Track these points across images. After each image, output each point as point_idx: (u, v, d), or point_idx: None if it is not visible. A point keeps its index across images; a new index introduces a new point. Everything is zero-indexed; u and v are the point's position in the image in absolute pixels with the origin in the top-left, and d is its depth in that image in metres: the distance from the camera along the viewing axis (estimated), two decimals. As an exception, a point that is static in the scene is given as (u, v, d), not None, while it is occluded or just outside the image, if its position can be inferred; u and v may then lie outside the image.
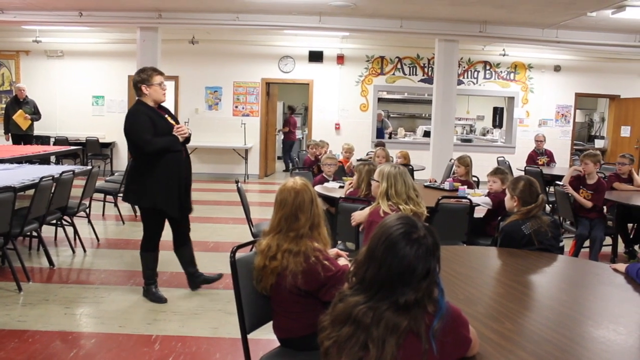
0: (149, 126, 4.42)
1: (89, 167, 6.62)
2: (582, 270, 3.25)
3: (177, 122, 4.71)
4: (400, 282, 1.66)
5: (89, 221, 6.78)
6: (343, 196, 4.97)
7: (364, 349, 1.63)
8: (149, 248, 4.72)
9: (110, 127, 12.71)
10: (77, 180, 6.46)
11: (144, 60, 9.87)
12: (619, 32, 10.23)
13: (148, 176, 4.48)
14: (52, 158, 10.59)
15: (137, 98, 4.60)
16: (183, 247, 4.94)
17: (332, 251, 2.81)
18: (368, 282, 1.71)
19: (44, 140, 11.69)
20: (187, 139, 4.66)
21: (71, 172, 5.91)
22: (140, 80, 4.50)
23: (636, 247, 6.65)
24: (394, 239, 1.69)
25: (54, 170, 6.32)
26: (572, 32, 10.23)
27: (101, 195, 7.94)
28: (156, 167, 4.46)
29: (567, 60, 12.94)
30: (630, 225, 6.80)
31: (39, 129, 11.35)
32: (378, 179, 3.76)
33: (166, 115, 4.67)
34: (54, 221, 6.04)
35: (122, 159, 12.55)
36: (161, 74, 4.60)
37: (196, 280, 5.03)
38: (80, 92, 12.73)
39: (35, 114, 10.81)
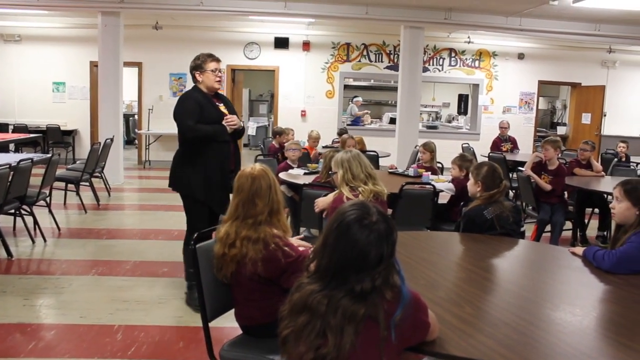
0: (195, 112, 4.19)
1: (49, 155, 6.46)
2: (541, 254, 3.31)
3: (234, 113, 4.43)
4: (353, 268, 1.65)
5: (50, 210, 6.62)
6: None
7: (321, 337, 1.62)
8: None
9: (72, 115, 12.43)
10: (38, 169, 6.31)
11: (105, 46, 9.66)
12: (580, 21, 10.40)
13: (190, 164, 4.29)
14: (11, 146, 10.30)
15: (193, 84, 4.42)
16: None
17: (295, 240, 2.79)
18: (322, 270, 1.70)
19: (2, 127, 11.36)
20: (240, 133, 4.44)
21: (29, 160, 5.77)
22: (194, 66, 4.31)
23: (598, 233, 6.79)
24: (346, 225, 1.68)
25: (11, 158, 6.15)
26: (535, 21, 10.37)
27: (63, 184, 7.77)
28: (199, 155, 4.24)
29: (531, 48, 13.11)
30: (589, 210, 6.97)
31: (-4, 117, 11.04)
32: (335, 169, 3.80)
33: (221, 105, 4.41)
34: (12, 211, 5.88)
35: (84, 146, 12.26)
36: (217, 60, 4.35)
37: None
38: (40, 78, 12.36)
39: (-8, 101, 10.50)
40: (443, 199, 5.43)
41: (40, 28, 12.20)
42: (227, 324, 2.80)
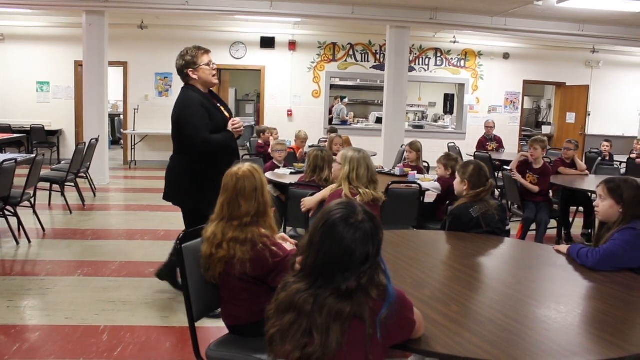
0: (206, 120, 3.81)
1: (33, 156, 6.40)
2: (526, 253, 3.33)
3: (231, 114, 4.10)
4: (338, 267, 1.66)
5: (34, 211, 6.56)
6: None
7: (307, 336, 1.63)
8: None
9: (56, 114, 12.33)
10: (22, 169, 6.24)
11: (90, 46, 9.58)
12: (564, 21, 10.49)
13: (197, 176, 3.91)
14: (-5, 146, 10.22)
15: (184, 84, 3.99)
16: None
17: (278, 235, 2.78)
18: (308, 269, 1.70)
19: (-16, 128, 11.24)
20: (240, 136, 4.08)
21: (13, 161, 5.71)
22: (185, 64, 3.87)
23: (583, 231, 6.86)
24: (331, 224, 1.69)
25: (-5, 158, 6.08)
26: (520, 21, 10.45)
27: (47, 185, 7.70)
28: (207, 166, 3.88)
29: (516, 48, 13.20)
30: (573, 208, 7.03)
31: (-21, 117, 10.91)
32: (340, 162, 3.78)
33: (219, 105, 4.06)
34: (-4, 211, 5.83)
35: (69, 147, 12.17)
36: (208, 52, 3.94)
37: (166, 272, 4.43)
38: (24, 78, 12.25)
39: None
40: (429, 198, 5.46)
41: (24, 27, 12.07)
42: (214, 324, 2.79)
